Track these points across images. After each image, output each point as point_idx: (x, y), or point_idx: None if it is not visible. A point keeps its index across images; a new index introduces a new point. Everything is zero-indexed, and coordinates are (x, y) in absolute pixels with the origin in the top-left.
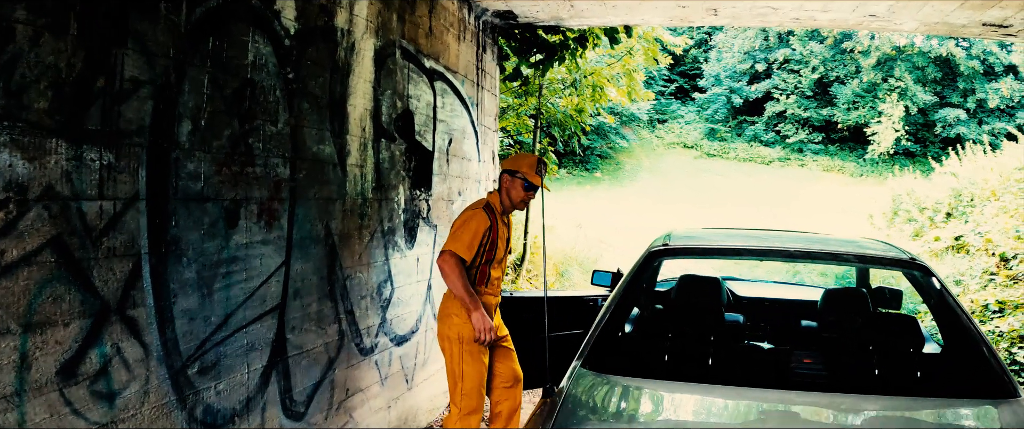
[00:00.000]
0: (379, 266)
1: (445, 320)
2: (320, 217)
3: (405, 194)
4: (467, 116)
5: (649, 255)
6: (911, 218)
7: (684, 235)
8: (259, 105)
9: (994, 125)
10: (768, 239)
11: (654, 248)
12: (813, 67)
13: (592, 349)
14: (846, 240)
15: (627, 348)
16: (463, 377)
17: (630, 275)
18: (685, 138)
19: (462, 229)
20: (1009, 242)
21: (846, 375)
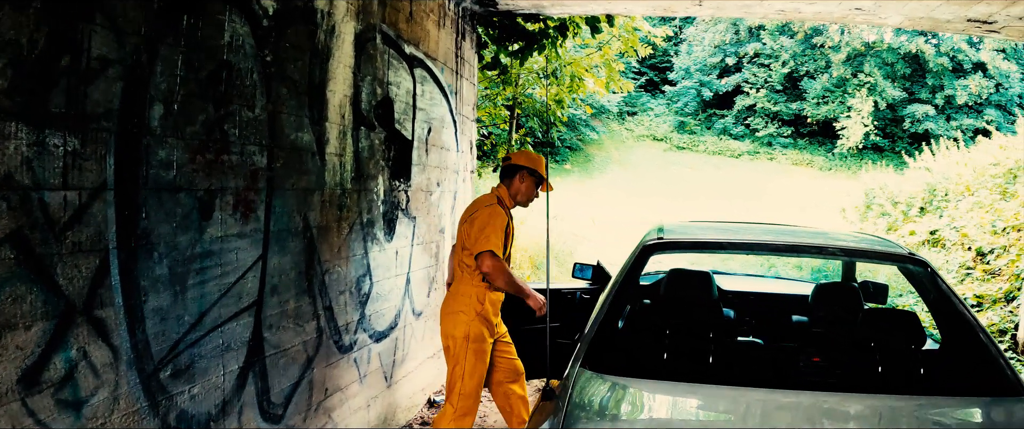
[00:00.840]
0: (358, 260)
1: (450, 317)
2: (298, 209)
3: (384, 185)
4: (446, 105)
5: (644, 249)
6: (884, 212)
7: (677, 228)
8: (235, 89)
9: (962, 121)
10: (765, 233)
11: (648, 242)
12: (783, 61)
13: (591, 348)
14: (843, 234)
15: (626, 347)
16: (465, 376)
17: (625, 270)
18: (655, 131)
19: (490, 227)
20: (985, 236)
21: (852, 374)
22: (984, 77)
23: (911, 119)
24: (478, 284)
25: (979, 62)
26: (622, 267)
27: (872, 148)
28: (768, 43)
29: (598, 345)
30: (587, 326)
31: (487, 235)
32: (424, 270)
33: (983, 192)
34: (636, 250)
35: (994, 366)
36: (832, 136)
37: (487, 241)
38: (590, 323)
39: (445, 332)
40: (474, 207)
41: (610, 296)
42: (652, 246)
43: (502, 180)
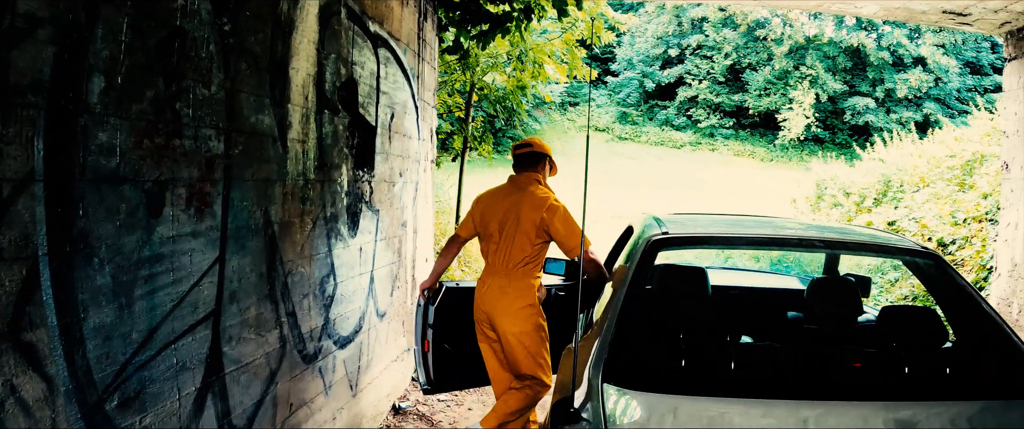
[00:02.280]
0: (322, 258)
1: (520, 313)
2: (258, 202)
3: (348, 175)
4: (409, 89)
5: (650, 245)
6: (837, 202)
7: (678, 221)
8: (190, 62)
9: (902, 114)
10: (772, 227)
11: (653, 237)
12: (726, 53)
13: (610, 359)
14: (848, 229)
15: (645, 355)
16: (547, 353)
17: (634, 269)
18: (597, 121)
19: (573, 220)
20: (946, 227)
21: (897, 379)
22: (924, 71)
23: (852, 111)
24: (537, 276)
25: (919, 57)
26: (631, 266)
27: (813, 140)
28: (711, 35)
29: (617, 355)
30: (598, 330)
31: (577, 231)
32: (387, 267)
33: (940, 183)
34: (639, 245)
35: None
36: (774, 128)
37: (581, 237)
38: (602, 327)
39: (521, 331)
40: (527, 197)
41: (622, 298)
42: (659, 241)
43: (526, 168)
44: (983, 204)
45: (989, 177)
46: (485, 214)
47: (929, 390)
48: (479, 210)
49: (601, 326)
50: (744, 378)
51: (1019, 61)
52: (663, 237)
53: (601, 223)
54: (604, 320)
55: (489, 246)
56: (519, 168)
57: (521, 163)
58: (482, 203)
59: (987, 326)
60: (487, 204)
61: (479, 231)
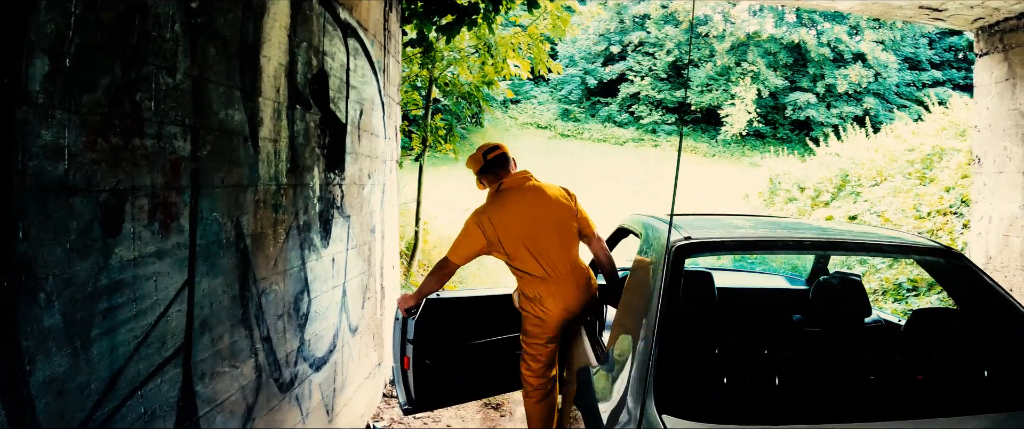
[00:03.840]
0: (295, 273)
1: (591, 302)
2: (230, 212)
3: (320, 178)
4: (376, 84)
5: (677, 251)
6: (791, 198)
7: (689, 223)
8: (152, 43)
9: (842, 109)
10: (794, 229)
11: (676, 243)
12: (668, 50)
13: (663, 386)
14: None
15: (695, 378)
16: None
17: (666, 281)
18: (538, 119)
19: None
20: (909, 221)
21: (948, 391)
22: (864, 67)
23: (793, 107)
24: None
25: (859, 52)
26: (661, 277)
27: (755, 135)
28: (653, 32)
29: (668, 379)
30: (625, 349)
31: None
32: (359, 278)
33: (899, 177)
34: (659, 251)
35: None
36: (716, 123)
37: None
38: (632, 346)
39: (580, 311)
40: (548, 192)
41: (659, 312)
42: (685, 247)
43: (505, 168)
44: (947, 197)
45: (950, 171)
46: (530, 230)
47: (989, 401)
48: (512, 230)
49: (630, 345)
50: (813, 398)
51: (991, 57)
52: (688, 243)
53: None
54: (633, 337)
55: (548, 254)
56: (499, 169)
57: (500, 164)
58: (510, 221)
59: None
60: (523, 218)
61: (521, 249)
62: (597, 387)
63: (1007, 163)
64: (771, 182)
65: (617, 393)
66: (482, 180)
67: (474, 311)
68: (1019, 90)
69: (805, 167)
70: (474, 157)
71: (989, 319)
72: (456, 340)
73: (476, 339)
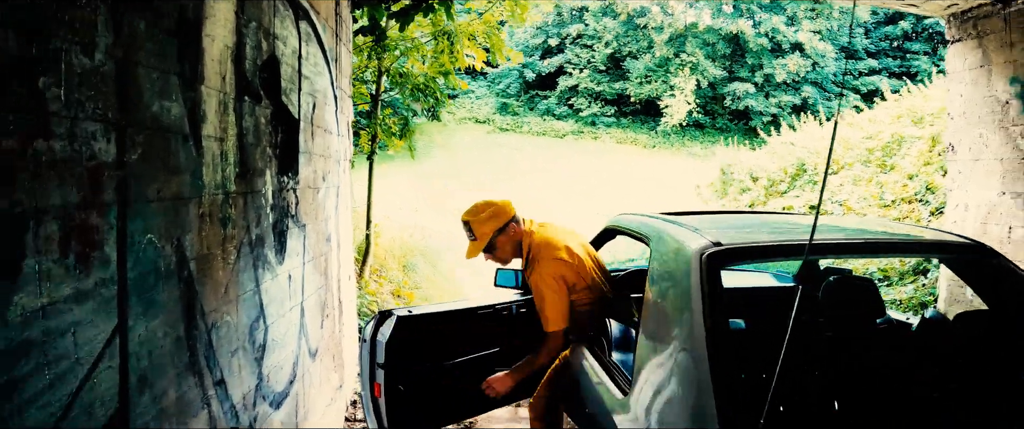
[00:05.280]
0: (249, 298)
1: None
2: (168, 233)
3: (273, 183)
4: (328, 74)
5: (709, 261)
6: (745, 188)
7: (709, 227)
8: (62, 8)
9: (780, 98)
10: (827, 231)
11: (705, 251)
12: (606, 42)
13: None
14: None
15: (757, 407)
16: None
17: (707, 296)
18: (477, 113)
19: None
20: (873, 209)
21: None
22: (801, 56)
23: (732, 96)
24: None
25: (797, 42)
26: (697, 292)
27: (694, 125)
28: (591, 24)
29: (734, 407)
30: (656, 379)
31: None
32: (317, 294)
33: (858, 166)
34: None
35: None
36: (655, 114)
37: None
38: (668, 377)
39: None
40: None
41: (706, 335)
42: (718, 256)
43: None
44: (911, 185)
45: (911, 158)
46: (588, 266)
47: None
48: (583, 268)
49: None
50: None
51: (963, 43)
52: (720, 250)
53: None
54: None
55: (599, 291)
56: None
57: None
58: (575, 260)
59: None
60: (580, 256)
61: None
62: (629, 422)
63: (983, 150)
64: (722, 172)
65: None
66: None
67: (451, 327)
68: (995, 77)
69: (756, 156)
70: (490, 217)
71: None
72: (433, 361)
73: (455, 358)
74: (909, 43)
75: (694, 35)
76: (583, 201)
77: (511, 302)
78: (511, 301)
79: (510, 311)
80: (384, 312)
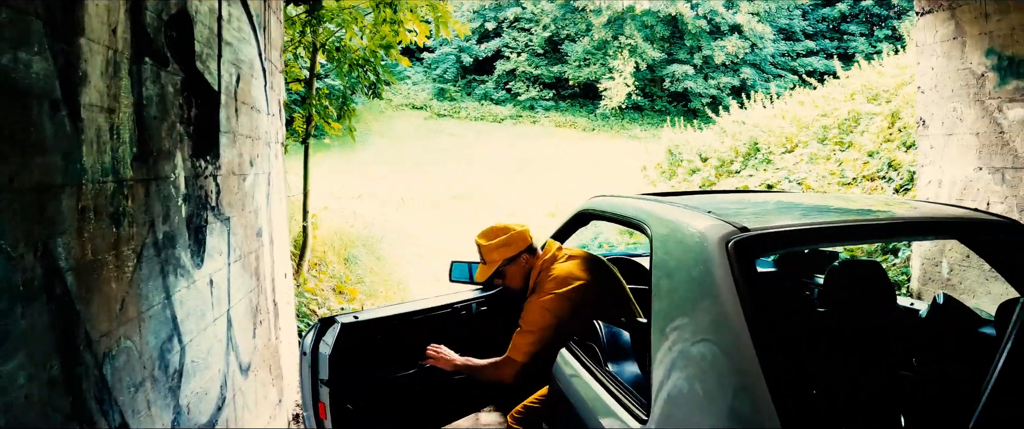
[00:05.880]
0: (157, 313)
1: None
2: (26, 236)
3: (186, 168)
4: (255, 43)
5: (738, 251)
6: (694, 168)
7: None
8: None
9: (719, 80)
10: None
11: (729, 238)
12: (544, 25)
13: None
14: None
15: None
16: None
17: (743, 290)
18: (414, 99)
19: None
20: (834, 188)
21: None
22: (740, 38)
23: (670, 78)
24: None
25: (735, 24)
26: (729, 286)
27: (633, 107)
28: (528, 7)
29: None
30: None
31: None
32: (247, 299)
33: (814, 144)
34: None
35: None
36: (594, 97)
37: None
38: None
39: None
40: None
41: (759, 339)
42: (745, 244)
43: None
44: (872, 162)
45: (870, 135)
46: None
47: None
48: (588, 312)
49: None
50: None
51: (934, 15)
52: (747, 237)
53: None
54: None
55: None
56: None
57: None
58: (585, 305)
59: None
60: (592, 300)
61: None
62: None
63: (958, 124)
64: (670, 153)
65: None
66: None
67: (403, 332)
68: (969, 49)
69: (703, 136)
70: (501, 245)
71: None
72: (385, 373)
73: (409, 368)
74: (846, 24)
75: (632, 17)
76: (526, 185)
77: (470, 300)
78: (470, 299)
79: (469, 310)
80: (326, 319)
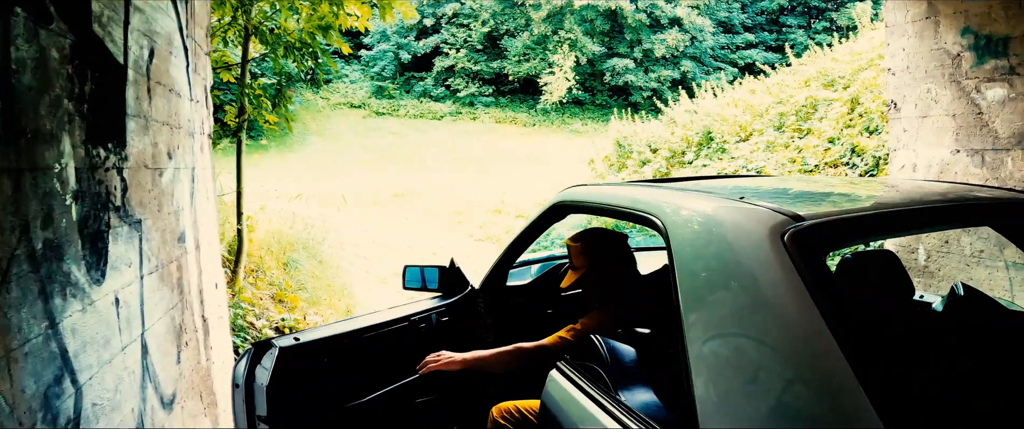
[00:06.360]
0: (36, 348)
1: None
2: None
3: (78, 156)
4: (174, 17)
5: (798, 242)
6: (645, 160)
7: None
8: None
9: (660, 73)
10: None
11: (785, 229)
12: (483, 21)
13: None
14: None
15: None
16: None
17: (815, 297)
18: (352, 98)
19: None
20: (795, 175)
21: None
22: (680, 31)
23: (611, 72)
24: None
25: (675, 17)
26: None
27: (574, 102)
28: (467, 2)
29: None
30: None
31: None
32: (167, 317)
33: (770, 131)
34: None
35: None
36: (534, 93)
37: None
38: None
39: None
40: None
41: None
42: (805, 236)
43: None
44: (834, 149)
45: (830, 121)
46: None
47: None
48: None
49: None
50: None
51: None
52: (802, 226)
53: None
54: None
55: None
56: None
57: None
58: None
59: None
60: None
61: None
62: None
63: (932, 106)
64: (619, 145)
65: None
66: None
67: (354, 352)
68: (943, 28)
69: (651, 128)
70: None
71: None
72: (334, 403)
73: (363, 394)
74: (784, 17)
75: (572, 11)
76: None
77: (428, 310)
78: (428, 309)
79: (429, 323)
80: (261, 344)
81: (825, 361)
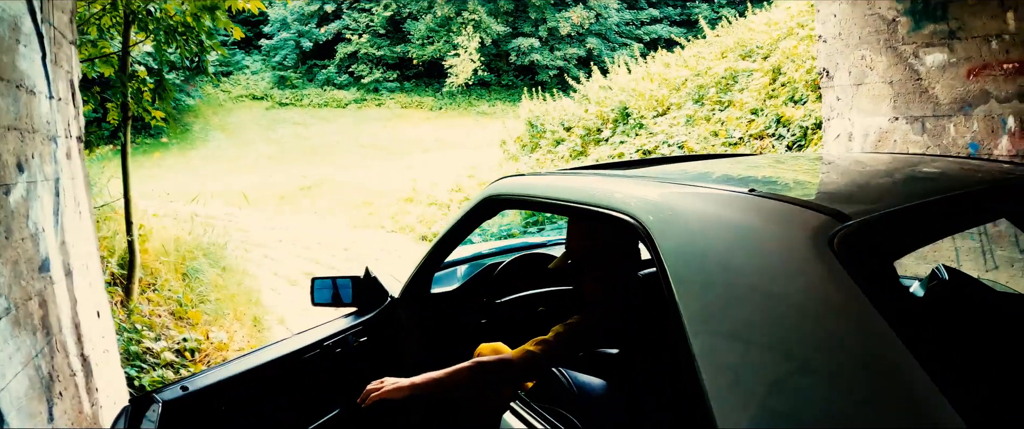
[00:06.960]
0: None
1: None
2: None
3: None
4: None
5: (849, 248)
6: (559, 139)
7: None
8: None
9: (566, 51)
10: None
11: (830, 231)
12: (385, 4)
13: None
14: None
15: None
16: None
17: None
18: (253, 89)
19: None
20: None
21: None
22: (585, 8)
23: (516, 52)
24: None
25: None
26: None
27: (480, 84)
28: None
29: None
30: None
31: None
32: (29, 370)
33: (689, 105)
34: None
35: None
36: (440, 76)
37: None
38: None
39: None
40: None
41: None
42: (857, 240)
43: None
44: (758, 120)
45: (751, 92)
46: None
47: None
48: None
49: None
50: None
51: None
52: (851, 227)
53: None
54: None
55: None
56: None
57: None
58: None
59: None
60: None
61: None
62: None
63: (868, 73)
64: (530, 125)
65: None
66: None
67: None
68: None
69: (564, 106)
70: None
71: None
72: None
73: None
74: None
75: None
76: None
77: (343, 332)
78: (343, 330)
79: (345, 345)
80: (139, 398)
81: (926, 410)
